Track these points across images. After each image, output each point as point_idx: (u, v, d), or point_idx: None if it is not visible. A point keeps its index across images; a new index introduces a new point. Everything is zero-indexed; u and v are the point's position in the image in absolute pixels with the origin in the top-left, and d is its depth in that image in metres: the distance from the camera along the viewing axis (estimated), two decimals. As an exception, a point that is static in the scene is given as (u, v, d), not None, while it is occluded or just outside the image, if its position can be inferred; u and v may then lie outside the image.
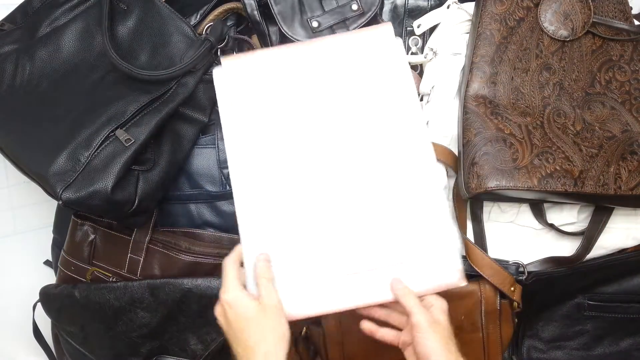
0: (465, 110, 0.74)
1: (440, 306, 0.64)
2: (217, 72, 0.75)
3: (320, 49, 0.76)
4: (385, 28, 0.74)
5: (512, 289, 0.76)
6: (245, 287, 0.64)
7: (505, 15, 0.76)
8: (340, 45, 0.75)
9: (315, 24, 0.80)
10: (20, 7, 0.84)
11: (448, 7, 0.81)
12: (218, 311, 0.63)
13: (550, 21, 0.76)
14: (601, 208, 0.78)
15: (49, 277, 0.93)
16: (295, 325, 0.81)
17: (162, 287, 0.78)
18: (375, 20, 0.82)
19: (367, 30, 0.75)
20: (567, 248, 0.80)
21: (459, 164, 0.74)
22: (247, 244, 0.69)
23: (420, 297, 0.65)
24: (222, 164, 0.82)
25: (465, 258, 0.76)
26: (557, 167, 0.71)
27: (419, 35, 0.82)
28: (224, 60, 0.77)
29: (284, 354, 0.60)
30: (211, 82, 0.81)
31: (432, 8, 0.83)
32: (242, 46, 0.86)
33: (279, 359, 0.59)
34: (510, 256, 0.79)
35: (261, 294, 0.63)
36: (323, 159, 0.75)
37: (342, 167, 0.75)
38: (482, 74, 0.75)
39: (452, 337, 0.63)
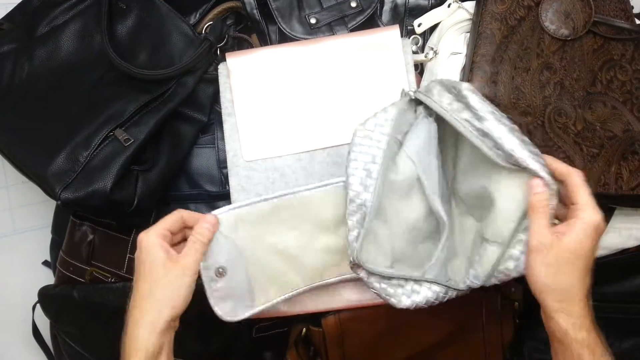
0: (466, 110, 0.74)
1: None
2: (222, 68, 0.77)
3: (326, 49, 0.76)
4: (393, 32, 0.76)
5: (513, 289, 0.75)
6: (169, 244, 0.62)
7: (506, 14, 0.76)
8: (347, 45, 0.76)
9: (313, 21, 0.80)
10: (19, 7, 0.83)
11: (449, 5, 0.80)
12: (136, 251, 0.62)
13: (551, 20, 0.76)
14: (602, 208, 0.78)
15: (48, 278, 0.93)
16: (295, 326, 0.81)
17: (161, 287, 0.77)
18: (373, 18, 0.82)
19: (374, 33, 0.76)
20: (568, 248, 0.80)
21: (460, 163, 0.74)
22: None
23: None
24: (222, 164, 0.81)
25: (466, 258, 0.76)
26: (558, 167, 0.71)
27: (419, 34, 0.82)
28: (229, 56, 0.77)
29: (165, 319, 0.58)
30: (210, 81, 0.81)
31: (432, 7, 0.83)
32: (241, 45, 0.85)
33: (158, 321, 0.58)
34: (511, 256, 0.79)
35: (184, 250, 0.61)
36: (323, 161, 0.75)
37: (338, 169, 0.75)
38: (482, 73, 0.75)
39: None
